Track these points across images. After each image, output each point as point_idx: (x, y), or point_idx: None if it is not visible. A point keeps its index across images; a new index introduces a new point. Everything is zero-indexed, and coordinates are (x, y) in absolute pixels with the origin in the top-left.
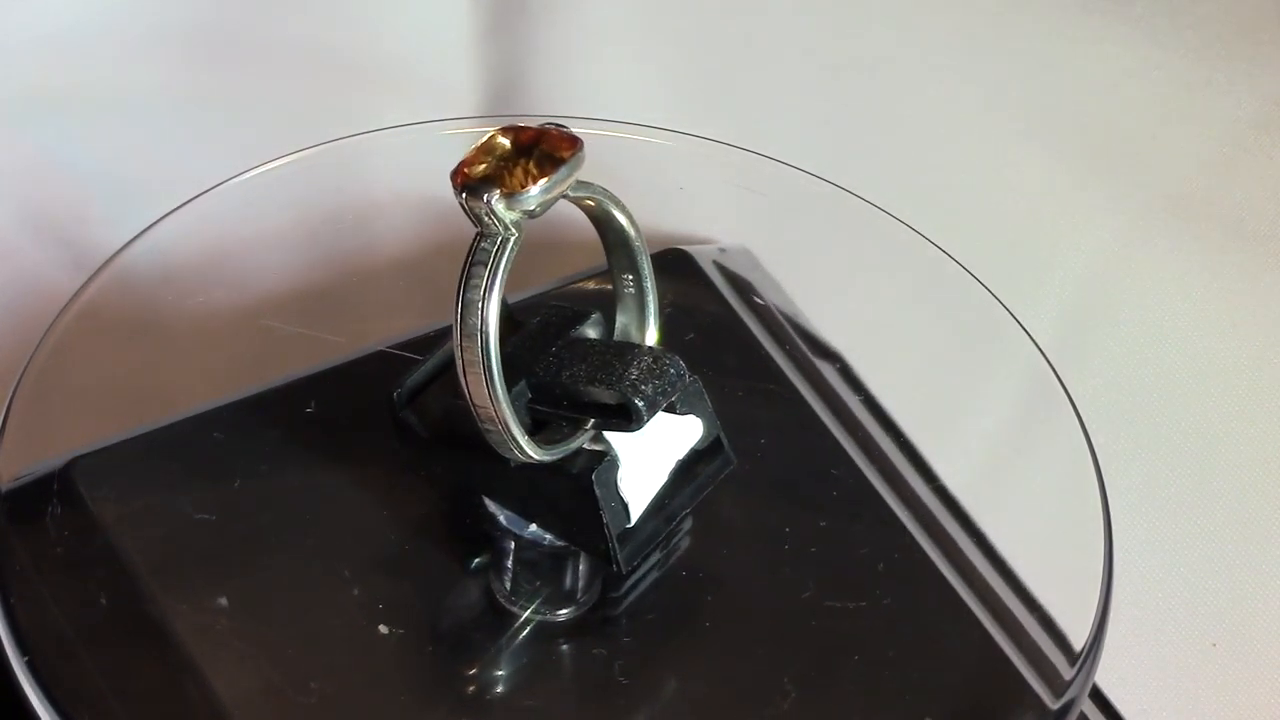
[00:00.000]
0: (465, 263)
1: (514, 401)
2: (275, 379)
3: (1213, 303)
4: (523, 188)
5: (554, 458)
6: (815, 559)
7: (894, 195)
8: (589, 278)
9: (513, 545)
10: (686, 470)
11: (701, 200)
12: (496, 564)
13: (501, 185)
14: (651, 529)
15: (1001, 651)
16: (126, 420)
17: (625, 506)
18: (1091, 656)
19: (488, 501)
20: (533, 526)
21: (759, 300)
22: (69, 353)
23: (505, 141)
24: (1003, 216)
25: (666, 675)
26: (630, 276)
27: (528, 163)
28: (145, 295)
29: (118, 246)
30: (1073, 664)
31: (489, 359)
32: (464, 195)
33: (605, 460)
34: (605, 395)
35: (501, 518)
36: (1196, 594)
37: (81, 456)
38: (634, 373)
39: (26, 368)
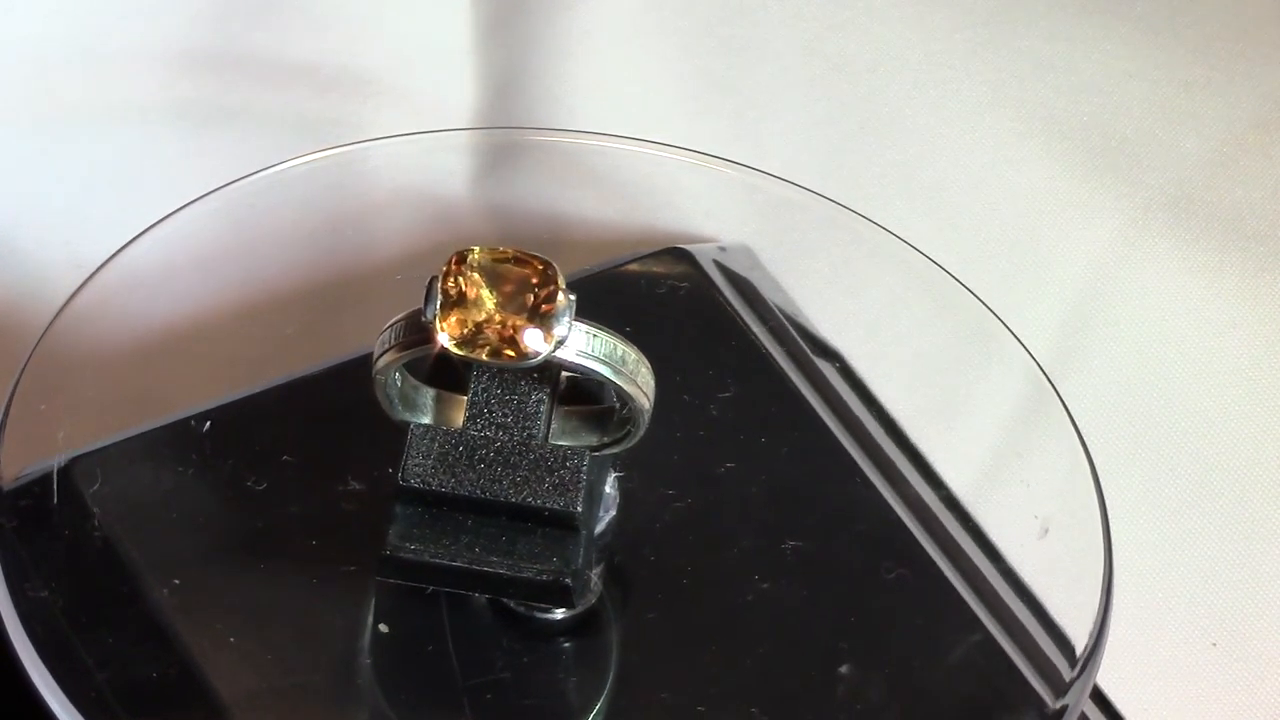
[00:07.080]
0: (596, 356)
1: None
2: (275, 379)
3: (1213, 303)
4: (546, 310)
5: None
6: (815, 559)
7: (894, 194)
8: (589, 276)
9: None
10: None
11: (702, 199)
12: None
13: (543, 322)
14: None
15: (1002, 651)
16: (126, 420)
17: None
18: (1093, 657)
19: None
20: None
21: (759, 299)
22: (69, 353)
23: (482, 315)
24: (1003, 215)
25: (666, 675)
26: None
27: (509, 288)
28: (145, 295)
29: (117, 246)
30: (1073, 665)
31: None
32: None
33: None
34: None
35: None
36: (1196, 594)
37: (81, 456)
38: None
39: (26, 367)
